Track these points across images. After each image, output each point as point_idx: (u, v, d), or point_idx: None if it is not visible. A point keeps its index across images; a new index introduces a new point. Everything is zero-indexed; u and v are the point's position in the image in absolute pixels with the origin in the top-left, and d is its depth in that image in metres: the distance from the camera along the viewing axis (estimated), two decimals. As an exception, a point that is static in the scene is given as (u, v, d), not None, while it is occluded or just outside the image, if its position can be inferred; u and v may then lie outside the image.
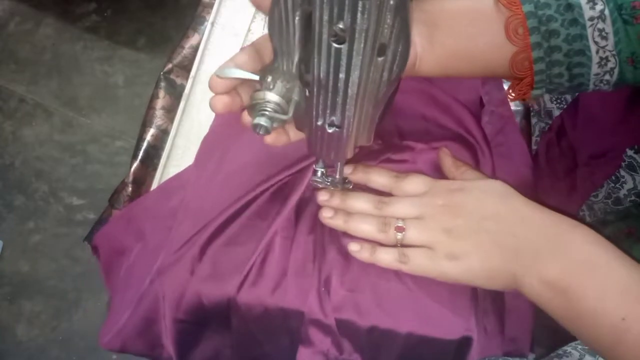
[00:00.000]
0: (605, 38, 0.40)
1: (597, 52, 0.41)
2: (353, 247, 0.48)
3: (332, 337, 0.47)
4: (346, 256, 0.49)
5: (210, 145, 0.56)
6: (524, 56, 0.40)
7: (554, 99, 0.74)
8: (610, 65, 0.42)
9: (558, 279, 0.39)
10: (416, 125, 0.54)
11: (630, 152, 0.67)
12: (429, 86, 0.55)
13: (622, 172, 0.68)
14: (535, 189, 0.57)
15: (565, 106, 0.74)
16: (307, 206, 0.52)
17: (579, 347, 0.50)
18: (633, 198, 0.69)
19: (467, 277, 0.43)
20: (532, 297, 0.41)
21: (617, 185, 0.70)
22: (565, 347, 0.52)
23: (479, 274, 0.43)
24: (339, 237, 0.50)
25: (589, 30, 0.40)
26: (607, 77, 0.42)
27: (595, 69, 0.42)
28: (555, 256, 0.40)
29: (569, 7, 0.39)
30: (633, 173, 0.67)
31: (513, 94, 0.44)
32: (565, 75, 0.41)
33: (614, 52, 0.41)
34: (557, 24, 0.39)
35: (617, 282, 0.39)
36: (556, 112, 0.75)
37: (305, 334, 0.48)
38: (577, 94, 0.71)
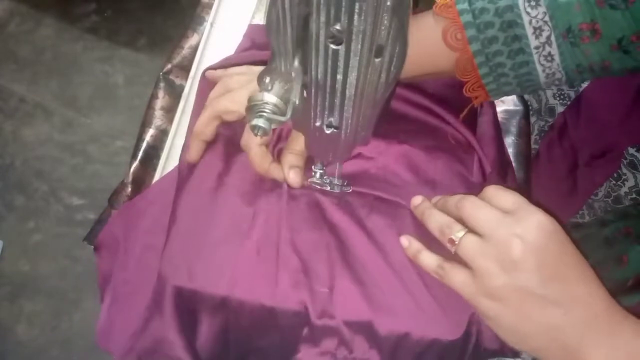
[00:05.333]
0: (551, 60, 0.43)
1: (544, 71, 0.44)
2: (404, 242, 0.47)
3: (338, 337, 0.47)
4: (349, 255, 0.49)
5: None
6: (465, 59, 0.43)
7: (557, 95, 0.74)
8: (557, 76, 0.44)
9: None
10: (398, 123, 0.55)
11: (632, 150, 0.67)
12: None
13: (624, 170, 0.68)
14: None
15: (568, 102, 0.74)
16: (304, 202, 0.52)
17: None
18: (634, 196, 0.69)
19: (493, 323, 0.41)
20: None
21: (619, 183, 0.70)
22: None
23: (507, 329, 0.40)
24: (341, 236, 0.50)
25: (535, 56, 0.43)
26: (556, 81, 0.45)
27: (542, 78, 0.44)
28: (601, 345, 0.38)
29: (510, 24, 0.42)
30: (634, 171, 0.67)
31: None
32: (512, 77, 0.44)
33: (559, 69, 0.43)
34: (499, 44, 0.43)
35: None
36: (559, 109, 0.75)
37: (308, 334, 0.48)
38: (580, 90, 0.71)
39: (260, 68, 0.51)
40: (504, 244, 0.38)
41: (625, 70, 0.43)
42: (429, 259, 0.44)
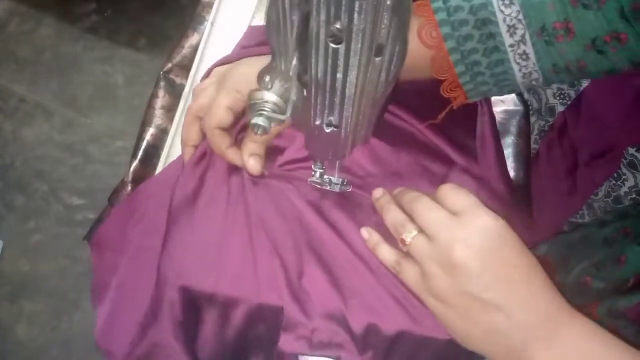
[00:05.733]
0: (526, 59, 0.43)
1: (520, 70, 0.44)
2: (364, 233, 0.47)
3: (312, 324, 0.48)
4: (316, 245, 0.49)
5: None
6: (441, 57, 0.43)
7: (557, 94, 0.74)
8: (534, 76, 0.44)
9: None
10: None
11: (631, 150, 0.67)
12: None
13: (624, 170, 0.68)
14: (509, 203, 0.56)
15: (568, 102, 0.74)
16: (267, 191, 0.52)
17: None
18: (634, 196, 0.69)
19: (442, 322, 0.42)
20: None
21: (619, 183, 0.70)
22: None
23: (453, 329, 0.41)
24: (307, 227, 0.50)
25: (510, 54, 0.43)
26: (533, 81, 0.45)
27: (519, 78, 0.44)
28: (547, 347, 0.38)
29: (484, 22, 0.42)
30: (634, 171, 0.67)
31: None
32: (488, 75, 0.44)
33: (535, 69, 0.43)
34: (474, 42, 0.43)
35: None
36: (559, 108, 0.75)
37: (285, 323, 0.48)
38: (580, 90, 0.71)
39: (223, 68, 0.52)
40: (447, 248, 0.39)
41: (602, 72, 0.43)
42: (387, 253, 0.45)
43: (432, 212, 0.41)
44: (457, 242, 0.38)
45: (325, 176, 0.50)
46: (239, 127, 0.53)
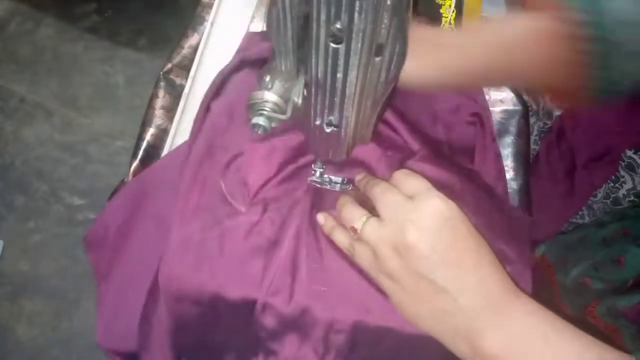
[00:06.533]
0: None
1: None
2: (319, 218, 0.49)
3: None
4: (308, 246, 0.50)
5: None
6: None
7: (554, 99, 0.74)
8: None
9: (493, 352, 0.38)
10: None
11: (629, 153, 0.67)
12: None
13: (622, 172, 0.68)
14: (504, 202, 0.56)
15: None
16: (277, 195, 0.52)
17: None
18: (632, 198, 0.70)
19: (396, 302, 0.43)
20: (463, 358, 0.40)
21: (617, 185, 0.70)
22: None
23: (403, 308, 0.42)
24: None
25: None
26: None
27: None
28: (494, 326, 0.38)
29: None
30: (632, 173, 0.67)
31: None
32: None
33: None
34: None
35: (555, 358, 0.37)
36: (557, 112, 0.75)
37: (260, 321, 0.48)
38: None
39: None
40: (400, 229, 0.40)
41: None
42: (342, 237, 0.46)
43: (388, 194, 0.42)
44: (409, 224, 0.40)
45: (325, 175, 0.51)
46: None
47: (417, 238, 0.39)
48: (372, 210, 0.44)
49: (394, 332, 0.47)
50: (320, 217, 0.49)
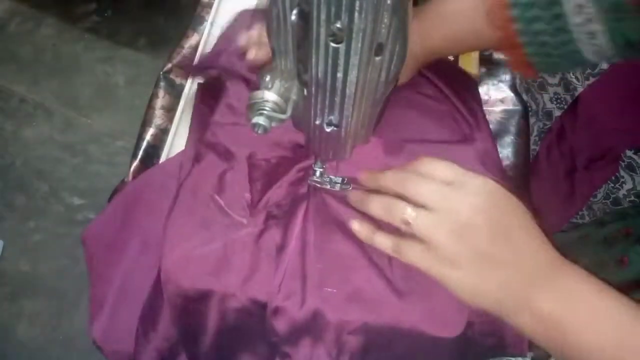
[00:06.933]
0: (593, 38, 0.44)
1: (589, 49, 0.45)
2: (354, 226, 0.47)
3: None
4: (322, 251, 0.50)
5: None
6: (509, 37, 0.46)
7: (554, 99, 0.74)
8: (605, 53, 0.44)
9: (551, 311, 0.39)
10: None
11: (629, 153, 0.67)
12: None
13: (622, 173, 0.68)
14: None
15: (565, 106, 0.74)
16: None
17: None
18: (632, 198, 0.69)
19: (455, 287, 0.42)
20: (524, 329, 0.41)
21: (617, 186, 0.70)
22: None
23: (466, 292, 0.42)
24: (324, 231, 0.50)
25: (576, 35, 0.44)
26: (605, 57, 0.45)
27: (590, 55, 0.45)
28: (547, 290, 0.40)
29: None
30: (632, 173, 0.67)
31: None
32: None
33: (605, 45, 0.44)
34: None
35: (611, 315, 0.39)
36: (556, 113, 0.75)
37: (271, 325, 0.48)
38: (576, 95, 0.71)
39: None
40: (454, 212, 0.40)
41: None
42: (384, 240, 0.45)
43: (426, 185, 0.42)
44: (462, 205, 0.40)
45: (326, 175, 0.51)
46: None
47: (473, 216, 0.40)
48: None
49: (406, 333, 0.47)
50: (356, 225, 0.47)
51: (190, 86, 0.63)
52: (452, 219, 0.40)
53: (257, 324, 0.49)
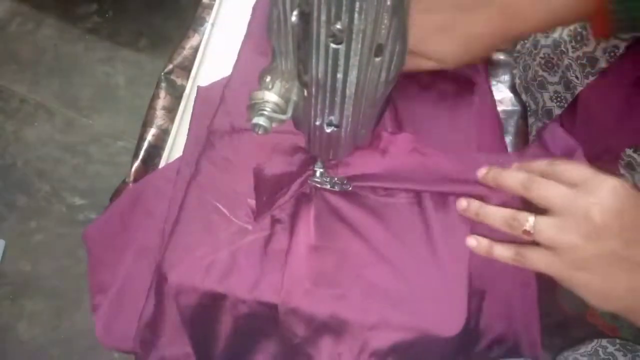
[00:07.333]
0: None
1: None
2: (471, 242, 0.48)
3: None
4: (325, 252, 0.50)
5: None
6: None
7: (554, 98, 0.74)
8: None
9: None
10: None
11: (629, 152, 0.67)
12: None
13: (622, 171, 0.68)
14: None
15: (565, 105, 0.74)
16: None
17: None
18: (632, 198, 0.69)
19: (583, 293, 0.42)
20: None
21: (616, 185, 0.70)
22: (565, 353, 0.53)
23: (597, 295, 0.42)
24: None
25: None
26: None
27: None
28: None
29: None
30: (632, 172, 0.67)
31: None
32: None
33: None
34: None
35: None
36: (556, 111, 0.75)
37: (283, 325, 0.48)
38: (576, 93, 0.71)
39: None
40: (584, 215, 0.40)
41: None
42: (504, 250, 0.45)
43: (554, 188, 0.42)
44: (593, 207, 0.39)
45: (326, 175, 0.51)
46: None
47: (606, 218, 0.39)
48: None
49: (425, 332, 0.47)
50: (472, 241, 0.48)
51: (192, 87, 0.63)
52: (582, 222, 0.40)
53: (271, 328, 0.49)
